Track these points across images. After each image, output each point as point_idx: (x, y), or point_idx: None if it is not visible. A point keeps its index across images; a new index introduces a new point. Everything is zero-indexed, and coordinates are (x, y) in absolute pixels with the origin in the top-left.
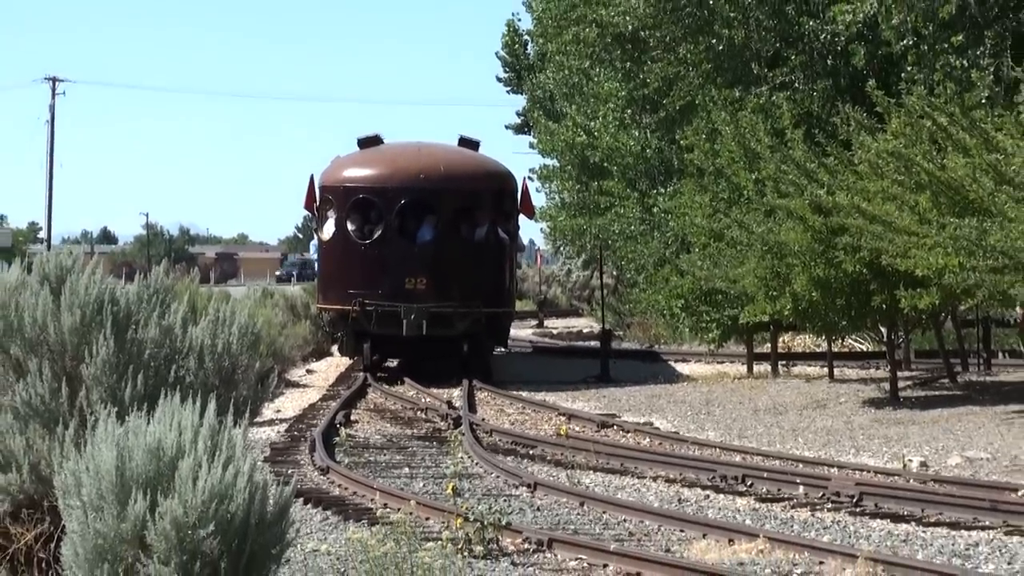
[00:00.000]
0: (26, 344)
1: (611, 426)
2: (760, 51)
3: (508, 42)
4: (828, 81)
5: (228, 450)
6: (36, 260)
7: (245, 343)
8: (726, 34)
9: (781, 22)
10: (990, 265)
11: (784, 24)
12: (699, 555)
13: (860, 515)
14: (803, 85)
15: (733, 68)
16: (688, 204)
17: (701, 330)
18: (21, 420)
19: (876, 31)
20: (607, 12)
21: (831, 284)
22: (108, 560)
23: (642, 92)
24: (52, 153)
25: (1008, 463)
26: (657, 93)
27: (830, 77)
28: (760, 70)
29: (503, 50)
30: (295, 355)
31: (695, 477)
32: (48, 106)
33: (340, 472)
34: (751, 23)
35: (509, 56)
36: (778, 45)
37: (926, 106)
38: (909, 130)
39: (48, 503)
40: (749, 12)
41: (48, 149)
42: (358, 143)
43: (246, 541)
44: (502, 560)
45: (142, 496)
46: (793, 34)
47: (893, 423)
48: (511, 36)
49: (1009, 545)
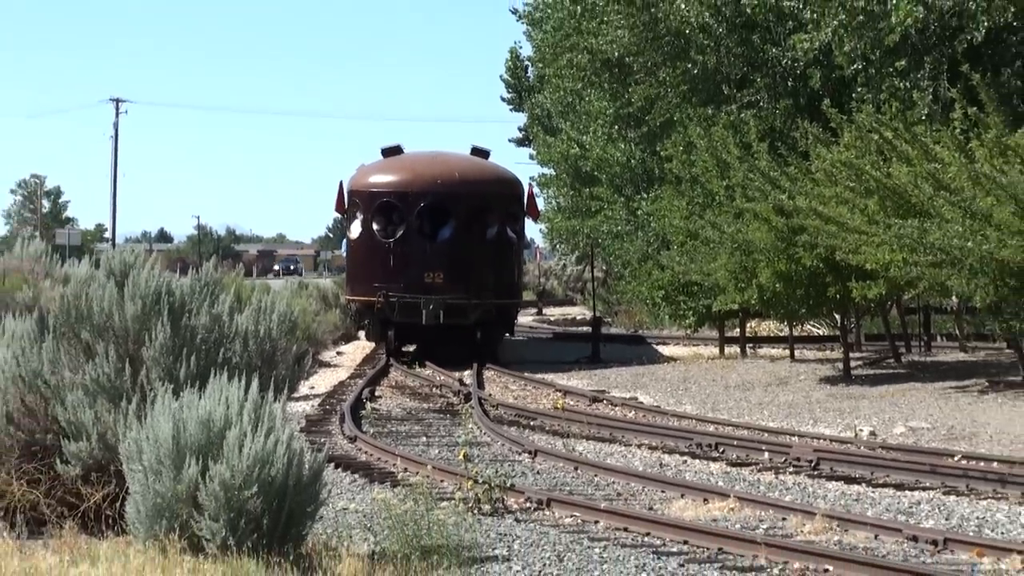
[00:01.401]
0: (95, 330)
1: (601, 400)
2: (729, 74)
3: (511, 67)
4: (789, 100)
5: (269, 422)
6: (103, 257)
7: (283, 329)
8: (700, 60)
9: (748, 49)
10: (929, 260)
11: (750, 51)
12: (678, 513)
13: (818, 478)
14: (767, 104)
15: (706, 89)
16: (667, 207)
17: (679, 317)
18: (90, 396)
19: (830, 57)
20: (596, 41)
21: (792, 277)
22: (166, 517)
23: (627, 110)
24: (116, 164)
25: (945, 432)
26: (640, 111)
27: (791, 97)
28: (730, 91)
29: (507, 73)
30: (326, 339)
31: (674, 445)
32: (112, 123)
33: (366, 441)
34: (722, 50)
35: (512, 79)
36: (745, 69)
37: (874, 122)
38: (859, 143)
39: (114, 467)
40: (720, 40)
41: (112, 160)
42: (382, 152)
43: (285, 500)
44: (507, 517)
45: (195, 461)
46: (758, 59)
47: (846, 398)
48: (513, 61)
49: (947, 503)
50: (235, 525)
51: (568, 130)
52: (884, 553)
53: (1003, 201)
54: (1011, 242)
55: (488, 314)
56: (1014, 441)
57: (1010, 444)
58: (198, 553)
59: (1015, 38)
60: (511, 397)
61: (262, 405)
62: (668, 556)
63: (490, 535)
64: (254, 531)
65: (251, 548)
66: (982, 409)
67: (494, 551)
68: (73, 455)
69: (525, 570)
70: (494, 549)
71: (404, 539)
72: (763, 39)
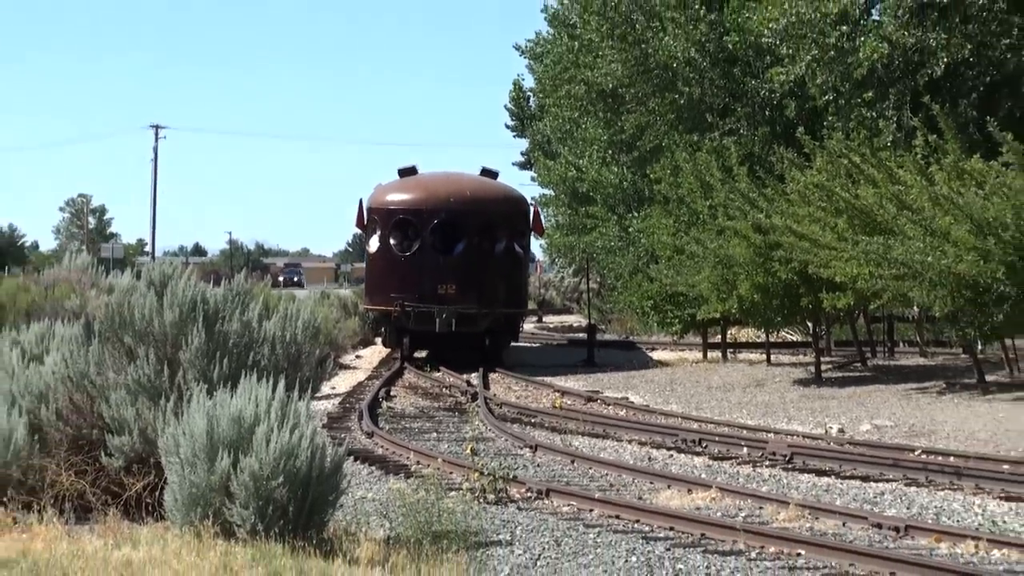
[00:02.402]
0: (136, 335)
1: (595, 400)
2: (713, 104)
3: (515, 97)
4: (766, 128)
5: (294, 418)
6: (143, 269)
7: (307, 334)
8: (686, 91)
9: (729, 81)
10: (893, 274)
11: (732, 83)
12: (665, 502)
13: (791, 470)
14: (747, 131)
15: (691, 118)
16: (656, 225)
17: (666, 324)
18: (132, 394)
19: (804, 89)
20: (592, 74)
21: (768, 288)
22: (200, 505)
23: (620, 137)
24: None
25: (907, 429)
26: (631, 137)
27: (768, 125)
28: (713, 119)
29: (511, 103)
30: (346, 344)
31: (661, 440)
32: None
33: (382, 436)
34: (705, 82)
35: (515, 108)
36: (727, 100)
37: (843, 148)
38: (830, 167)
39: (153, 460)
40: (704, 74)
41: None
42: (398, 172)
43: (309, 490)
44: (510, 506)
45: (227, 454)
46: (739, 91)
47: (817, 398)
48: (517, 92)
49: (908, 493)
50: (263, 512)
51: (566, 154)
52: (851, 539)
53: (960, 220)
54: (967, 257)
55: (496, 322)
56: (969, 437)
57: (965, 440)
58: (230, 538)
59: (971, 72)
60: (514, 397)
61: (288, 403)
62: (656, 541)
63: (495, 522)
64: (280, 518)
65: (278, 533)
66: (940, 408)
67: (498, 536)
68: (116, 448)
69: (526, 554)
70: (498, 534)
71: (417, 525)
72: (743, 72)
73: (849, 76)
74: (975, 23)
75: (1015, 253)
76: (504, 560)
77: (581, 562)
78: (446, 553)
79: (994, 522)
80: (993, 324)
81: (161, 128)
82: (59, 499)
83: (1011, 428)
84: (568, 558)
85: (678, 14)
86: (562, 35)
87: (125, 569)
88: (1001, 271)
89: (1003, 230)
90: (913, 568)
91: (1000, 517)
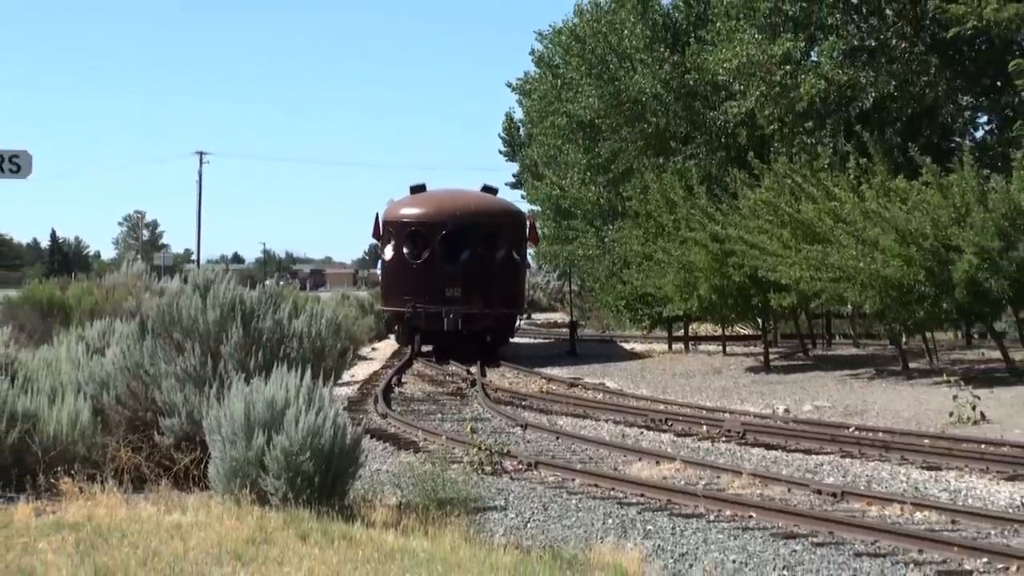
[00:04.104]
0: (183, 331)
1: (577, 385)
2: (676, 133)
3: (506, 127)
4: (722, 153)
5: (319, 402)
6: (190, 275)
7: (330, 330)
8: (653, 121)
9: (690, 113)
10: (830, 277)
11: (692, 115)
12: (636, 472)
13: (744, 444)
14: (705, 156)
15: (658, 144)
16: (628, 236)
17: (637, 321)
18: (180, 382)
19: (754, 119)
20: (572, 107)
21: (724, 290)
22: (239, 476)
23: (596, 161)
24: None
25: (843, 409)
26: (607, 161)
27: (724, 150)
28: (676, 146)
29: (503, 132)
30: (364, 338)
31: (633, 419)
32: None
33: (395, 417)
34: (670, 114)
35: (507, 136)
36: (688, 129)
37: (787, 170)
38: (776, 186)
39: (199, 438)
40: (668, 107)
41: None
42: (410, 189)
43: (331, 463)
44: (503, 476)
45: (262, 433)
46: (698, 121)
47: (766, 383)
48: (508, 123)
49: (844, 464)
50: (293, 482)
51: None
52: (795, 503)
53: (887, 231)
54: (893, 263)
55: (497, 321)
56: (895, 416)
57: (892, 418)
58: (264, 504)
59: (896, 105)
60: (507, 383)
61: (314, 390)
62: (629, 506)
63: (491, 490)
64: (308, 487)
65: (305, 500)
66: (871, 392)
67: (494, 502)
68: (167, 428)
69: (518, 517)
70: (494, 501)
71: (424, 493)
72: (702, 105)
73: (792, 108)
74: (899, 63)
75: (933, 259)
76: (499, 523)
77: (565, 524)
78: (450, 517)
79: (917, 488)
80: (915, 320)
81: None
82: (118, 472)
83: (930, 408)
84: (554, 520)
85: (646, 56)
86: (547, 74)
87: (175, 531)
88: (922, 274)
89: (923, 240)
90: (848, 528)
91: (922, 484)
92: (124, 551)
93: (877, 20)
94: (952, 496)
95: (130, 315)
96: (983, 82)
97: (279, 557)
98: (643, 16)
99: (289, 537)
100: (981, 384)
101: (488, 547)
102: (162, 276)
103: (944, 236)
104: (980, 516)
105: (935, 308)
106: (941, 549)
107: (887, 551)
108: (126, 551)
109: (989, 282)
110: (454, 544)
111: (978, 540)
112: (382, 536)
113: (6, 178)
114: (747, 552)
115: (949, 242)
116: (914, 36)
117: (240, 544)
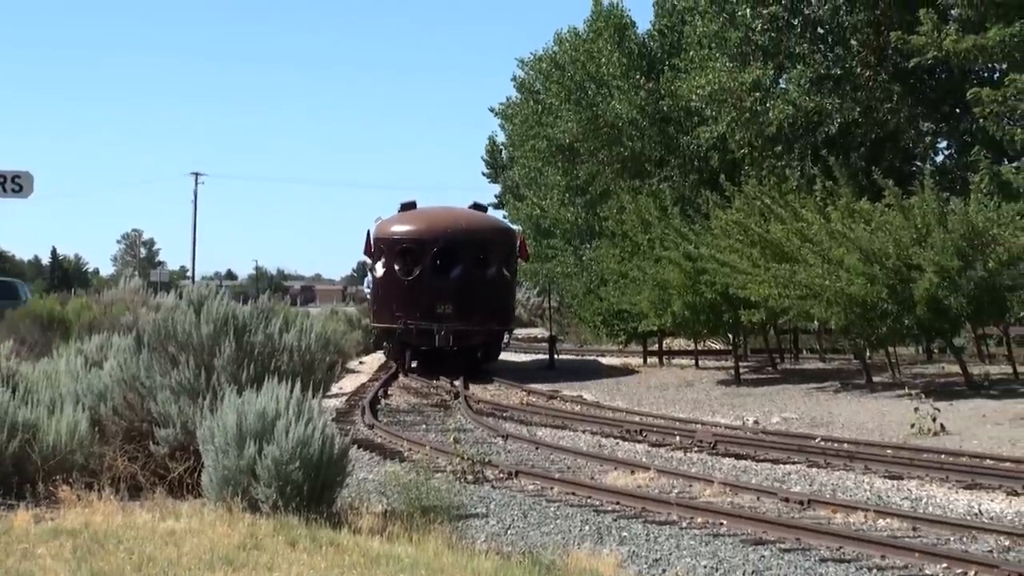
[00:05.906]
0: (178, 345)
1: (556, 397)
2: (651, 156)
3: (490, 149)
4: (695, 176)
5: (308, 414)
6: (185, 291)
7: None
8: (629, 145)
9: (665, 137)
10: (798, 294)
11: (667, 139)
12: (612, 481)
13: (715, 454)
14: (679, 178)
15: (634, 167)
16: (605, 255)
17: (613, 335)
18: (175, 394)
19: (725, 143)
20: (552, 131)
21: (697, 306)
22: (231, 485)
23: (575, 182)
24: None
25: (809, 421)
26: (585, 183)
27: (696, 173)
28: (651, 168)
29: (486, 155)
30: (351, 352)
31: (610, 430)
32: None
33: (381, 427)
34: (645, 138)
35: (490, 159)
36: (663, 152)
37: (757, 192)
38: (746, 207)
39: (192, 447)
40: (644, 131)
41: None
42: (400, 206)
43: (320, 472)
44: (485, 484)
45: (253, 443)
46: (672, 145)
47: (736, 395)
48: (491, 146)
49: (810, 473)
50: (283, 491)
51: (532, 197)
52: (764, 511)
53: (851, 251)
54: (857, 281)
55: (487, 337)
56: (859, 428)
57: (856, 430)
58: (255, 512)
59: (860, 130)
60: (489, 395)
61: (303, 401)
62: (605, 513)
63: (473, 498)
64: (297, 495)
65: (295, 508)
66: (836, 404)
67: (476, 510)
68: (162, 438)
69: (499, 524)
70: (476, 508)
71: (409, 501)
72: (676, 130)
73: (762, 133)
74: (863, 91)
75: (895, 278)
76: (481, 529)
77: (544, 530)
78: (433, 524)
79: (880, 497)
80: (878, 335)
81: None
82: (115, 480)
83: (892, 420)
84: (533, 527)
85: (623, 82)
86: (528, 99)
87: (169, 538)
88: (884, 292)
89: (886, 259)
90: (815, 535)
91: (884, 492)
92: (120, 557)
93: (843, 50)
94: (913, 504)
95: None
96: (943, 109)
97: (269, 563)
98: (620, 45)
99: (279, 543)
100: (941, 397)
101: (470, 553)
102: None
103: (906, 256)
104: (940, 523)
105: (897, 324)
106: (903, 555)
107: (851, 557)
108: (122, 557)
109: (949, 300)
110: (437, 550)
111: (938, 546)
112: (368, 542)
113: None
114: (718, 557)
115: (910, 261)
116: (877, 65)
117: (232, 550)
